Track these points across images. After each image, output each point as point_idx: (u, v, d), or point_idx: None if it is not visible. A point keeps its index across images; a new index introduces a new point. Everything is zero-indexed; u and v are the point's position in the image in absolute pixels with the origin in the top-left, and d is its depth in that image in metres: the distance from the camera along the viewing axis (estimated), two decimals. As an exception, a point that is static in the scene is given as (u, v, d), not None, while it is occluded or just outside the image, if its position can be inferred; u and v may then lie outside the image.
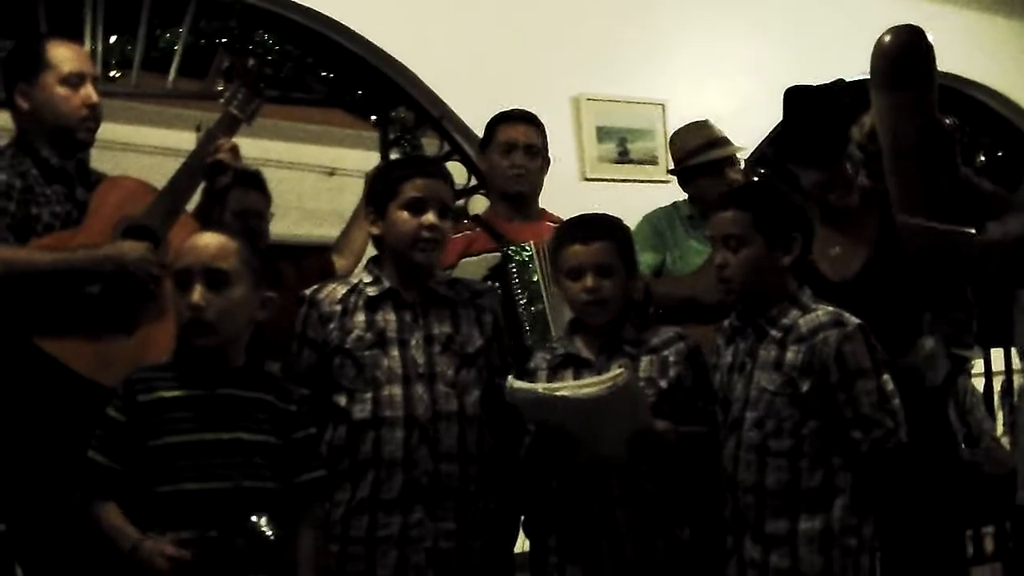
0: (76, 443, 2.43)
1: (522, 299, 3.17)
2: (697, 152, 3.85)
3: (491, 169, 3.61)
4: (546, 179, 3.62)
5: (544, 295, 3.19)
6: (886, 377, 2.49)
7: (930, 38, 1.48)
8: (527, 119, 3.59)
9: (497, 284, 3.15)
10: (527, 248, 3.24)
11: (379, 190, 2.78)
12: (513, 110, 3.62)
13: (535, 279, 3.20)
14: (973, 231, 1.52)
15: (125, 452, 2.36)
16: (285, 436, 2.45)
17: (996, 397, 5.91)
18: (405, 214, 2.70)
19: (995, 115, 6.28)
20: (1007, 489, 3.64)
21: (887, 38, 1.52)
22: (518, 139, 3.52)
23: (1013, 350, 5.25)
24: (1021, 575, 3.95)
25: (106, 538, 2.35)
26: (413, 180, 2.73)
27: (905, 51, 1.52)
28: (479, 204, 4.02)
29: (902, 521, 2.71)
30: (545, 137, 3.61)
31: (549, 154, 3.63)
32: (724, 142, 3.83)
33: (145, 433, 2.35)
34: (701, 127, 3.90)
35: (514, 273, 3.21)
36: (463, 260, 3.30)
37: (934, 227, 1.46)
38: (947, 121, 2.43)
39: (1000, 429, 5.46)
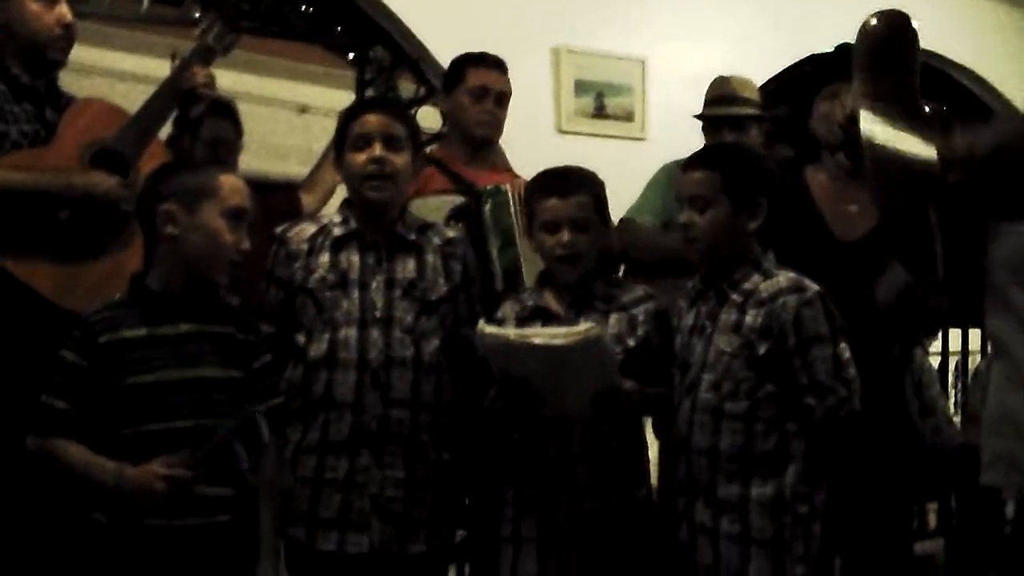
0: (35, 373, 2.38)
1: (496, 243, 3.02)
2: (705, 106, 3.81)
3: (457, 110, 3.41)
4: (520, 129, 3.53)
5: (517, 240, 3.01)
6: (843, 345, 2.48)
7: (915, 24, 1.48)
8: (500, 66, 3.44)
9: (460, 226, 3.01)
10: (503, 190, 3.07)
11: (337, 137, 2.76)
12: (485, 54, 3.45)
13: (509, 223, 3.04)
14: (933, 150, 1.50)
15: (85, 396, 2.31)
16: (246, 367, 2.45)
17: (951, 377, 5.96)
18: (353, 153, 2.69)
19: (971, 95, 6.30)
20: (954, 466, 3.69)
21: (873, 22, 1.52)
22: (492, 85, 3.39)
23: (970, 331, 5.32)
24: (965, 551, 4.00)
25: (70, 478, 2.31)
26: (358, 118, 2.71)
27: (891, 36, 1.52)
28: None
29: (851, 490, 2.73)
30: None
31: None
32: (725, 101, 3.70)
33: (108, 375, 2.31)
34: (719, 83, 3.79)
35: (489, 216, 3.04)
36: (417, 202, 3.07)
37: (896, 152, 1.45)
38: (927, 108, 2.43)
39: (952, 409, 5.52)
